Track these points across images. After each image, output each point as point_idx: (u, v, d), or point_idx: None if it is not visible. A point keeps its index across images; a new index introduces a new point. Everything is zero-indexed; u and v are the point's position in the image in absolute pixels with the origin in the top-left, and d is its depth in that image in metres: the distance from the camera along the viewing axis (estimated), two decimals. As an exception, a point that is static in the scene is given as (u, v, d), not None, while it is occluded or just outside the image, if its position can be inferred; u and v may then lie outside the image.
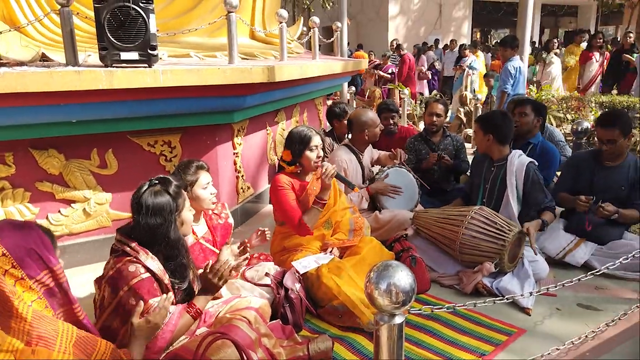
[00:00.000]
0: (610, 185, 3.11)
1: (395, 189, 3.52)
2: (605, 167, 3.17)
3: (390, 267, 1.39)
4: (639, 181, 3.07)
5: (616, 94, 7.56)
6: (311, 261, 2.73)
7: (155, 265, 1.91)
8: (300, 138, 2.82)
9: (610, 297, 2.78)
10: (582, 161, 3.29)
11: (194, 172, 2.46)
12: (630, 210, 3.04)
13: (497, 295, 2.76)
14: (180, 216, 1.98)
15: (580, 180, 3.24)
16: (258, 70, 3.21)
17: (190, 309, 2.00)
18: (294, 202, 2.83)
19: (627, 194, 3.09)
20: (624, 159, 3.14)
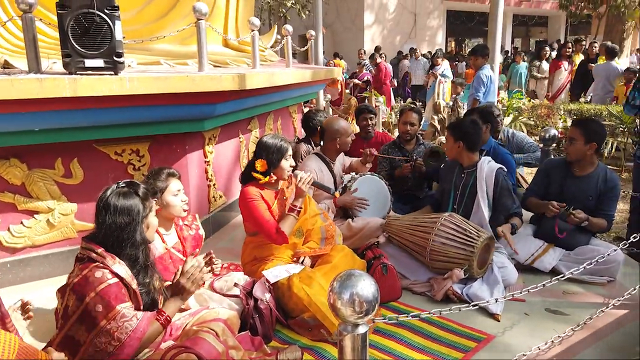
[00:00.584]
0: (578, 194, 3.15)
1: (362, 202, 3.50)
2: (575, 177, 3.21)
3: (353, 276, 1.38)
4: (608, 192, 3.12)
5: (584, 102, 7.76)
6: (282, 270, 2.70)
7: (122, 270, 1.86)
8: (277, 148, 2.78)
9: (577, 302, 2.83)
10: (554, 168, 3.34)
11: (165, 179, 2.42)
12: (598, 219, 3.09)
13: (468, 301, 2.78)
14: (147, 219, 1.94)
15: (551, 187, 3.29)
16: (228, 77, 3.18)
17: (159, 317, 1.95)
18: (267, 212, 2.79)
19: (594, 204, 3.15)
20: (594, 169, 3.18)
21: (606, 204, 3.15)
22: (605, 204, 3.15)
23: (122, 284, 1.83)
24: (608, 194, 3.14)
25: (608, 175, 3.17)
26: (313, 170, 3.45)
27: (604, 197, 3.14)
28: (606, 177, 3.16)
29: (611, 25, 14.92)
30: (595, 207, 3.15)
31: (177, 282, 1.99)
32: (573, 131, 3.18)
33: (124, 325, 1.78)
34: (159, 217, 2.42)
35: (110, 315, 1.76)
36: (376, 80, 11.07)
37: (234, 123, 4.14)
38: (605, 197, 3.14)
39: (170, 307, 1.97)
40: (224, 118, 3.77)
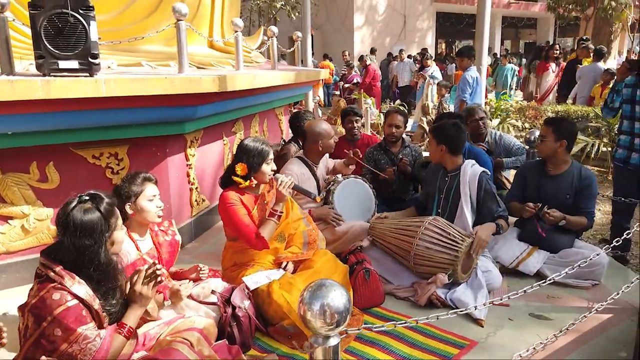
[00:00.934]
0: (555, 193, 3.16)
1: (337, 217, 3.42)
2: (550, 176, 3.22)
3: (324, 286, 1.32)
4: (584, 189, 3.12)
5: (571, 104, 7.79)
6: (262, 277, 2.65)
7: (82, 291, 1.77)
8: (258, 152, 2.73)
9: (561, 306, 2.80)
10: (529, 170, 3.35)
11: (140, 184, 2.36)
12: (577, 217, 3.09)
13: (451, 306, 2.74)
14: (112, 236, 1.86)
15: (528, 189, 3.29)
16: (208, 79, 3.12)
17: (121, 330, 1.88)
18: (246, 217, 2.74)
19: (572, 202, 3.14)
20: (569, 167, 3.19)
21: (584, 202, 3.15)
22: (583, 201, 3.15)
23: (83, 304, 1.75)
24: (584, 191, 3.14)
25: (583, 173, 3.18)
26: (295, 174, 3.40)
27: (581, 195, 3.15)
28: (581, 174, 3.17)
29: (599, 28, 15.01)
30: (573, 205, 3.16)
31: (131, 290, 1.91)
32: (544, 129, 3.22)
33: (87, 347, 1.71)
34: (132, 222, 2.37)
35: (72, 339, 1.68)
36: (365, 83, 11.05)
37: (217, 125, 4.08)
38: (582, 195, 3.15)
39: (131, 318, 1.89)
40: (206, 120, 3.71)
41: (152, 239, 2.47)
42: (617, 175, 3.67)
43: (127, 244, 2.28)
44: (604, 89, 7.89)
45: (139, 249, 2.35)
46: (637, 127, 3.43)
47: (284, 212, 2.92)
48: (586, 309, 2.72)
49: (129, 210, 2.30)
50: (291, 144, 4.54)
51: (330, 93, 13.65)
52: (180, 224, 3.68)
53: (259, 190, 2.85)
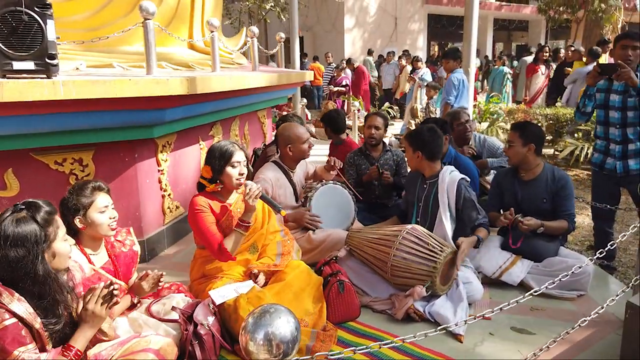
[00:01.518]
0: (532, 198, 3.07)
1: (314, 218, 3.30)
2: (525, 182, 3.13)
3: (268, 313, 1.18)
4: (559, 191, 3.03)
5: (560, 106, 7.69)
6: (230, 290, 2.50)
7: (22, 309, 1.63)
8: (220, 153, 2.59)
9: (545, 320, 2.67)
10: (503, 179, 3.26)
11: (90, 194, 2.20)
12: (556, 222, 2.98)
13: (430, 319, 2.61)
14: (52, 248, 1.71)
15: (505, 197, 3.20)
16: (176, 81, 2.97)
17: (67, 352, 1.72)
18: (213, 225, 2.59)
19: (550, 206, 3.04)
20: (541, 171, 3.10)
21: (562, 204, 3.05)
22: (561, 203, 3.05)
23: (22, 323, 1.60)
24: (560, 192, 3.05)
25: (556, 174, 3.09)
26: (269, 179, 3.26)
27: (558, 197, 3.05)
28: (554, 176, 3.08)
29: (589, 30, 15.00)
30: (552, 209, 3.06)
31: (83, 309, 1.76)
32: (511, 135, 3.16)
33: None
34: (84, 237, 2.21)
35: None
36: (354, 85, 10.93)
37: (192, 129, 3.93)
38: (559, 197, 3.05)
39: (80, 340, 1.74)
40: (178, 124, 3.56)
41: (108, 251, 2.31)
42: (594, 179, 3.58)
43: (80, 259, 2.13)
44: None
45: (92, 263, 2.19)
46: (612, 133, 3.33)
47: (258, 222, 2.78)
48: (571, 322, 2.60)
49: (79, 224, 2.14)
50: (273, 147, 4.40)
51: (320, 95, 13.52)
52: (151, 233, 3.52)
53: (230, 197, 2.71)
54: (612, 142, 3.34)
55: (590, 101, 3.45)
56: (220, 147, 2.61)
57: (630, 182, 3.36)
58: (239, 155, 2.61)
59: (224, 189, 2.69)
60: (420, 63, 10.78)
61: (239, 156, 2.61)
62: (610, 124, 3.34)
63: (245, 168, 2.64)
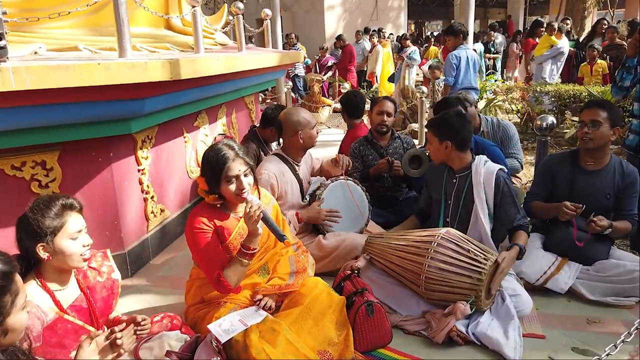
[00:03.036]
0: (593, 193, 2.63)
1: (332, 213, 2.87)
2: (588, 172, 2.68)
3: None
4: (628, 187, 2.61)
5: (560, 83, 7.35)
6: (235, 322, 2.02)
7: None
8: (213, 164, 2.06)
9: (605, 334, 2.28)
10: (559, 165, 2.79)
11: (58, 214, 1.67)
12: (622, 222, 2.58)
13: (475, 342, 2.20)
14: (5, 324, 1.21)
15: (558, 187, 2.75)
16: (156, 65, 2.44)
17: None
18: (214, 249, 2.11)
19: (612, 203, 2.63)
20: (609, 162, 2.67)
21: (627, 203, 2.64)
22: (626, 202, 2.64)
23: None
24: (628, 190, 2.64)
25: (626, 168, 2.66)
26: (273, 174, 2.79)
27: (624, 195, 2.64)
28: (623, 170, 2.66)
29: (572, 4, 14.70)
30: (614, 207, 2.65)
31: None
32: (595, 113, 2.61)
33: None
34: (47, 268, 1.71)
35: None
36: (342, 65, 10.40)
37: (175, 120, 3.40)
38: (625, 195, 2.64)
39: None
40: (160, 115, 3.03)
41: (79, 284, 1.80)
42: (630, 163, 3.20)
43: (41, 299, 1.63)
44: (591, 65, 7.50)
45: (58, 304, 1.69)
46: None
47: (271, 239, 2.31)
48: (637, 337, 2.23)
49: (42, 254, 1.64)
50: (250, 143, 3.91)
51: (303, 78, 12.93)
52: (133, 243, 3.03)
53: (239, 209, 2.22)
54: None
55: (629, 74, 3.07)
56: (212, 157, 2.07)
57: None
58: (235, 167, 2.06)
59: (224, 204, 2.20)
60: (409, 41, 10.31)
61: (236, 168, 2.06)
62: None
63: (247, 179, 2.10)
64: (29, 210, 1.67)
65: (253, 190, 2.16)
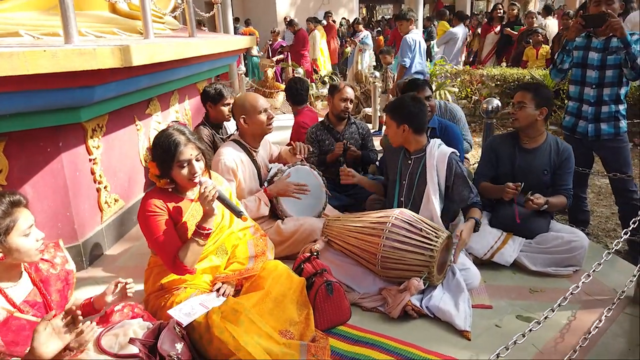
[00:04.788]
0: (532, 169, 2.83)
1: (300, 187, 2.93)
2: (526, 150, 2.87)
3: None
4: (563, 164, 2.81)
5: (505, 67, 7.65)
6: (196, 306, 2.06)
7: None
8: (164, 149, 2.06)
9: (546, 302, 2.45)
10: (501, 144, 2.97)
11: (7, 213, 1.61)
12: (557, 197, 2.78)
13: (429, 315, 2.32)
14: None
15: (501, 166, 2.92)
16: (105, 51, 2.38)
17: None
18: (169, 230, 2.11)
19: (550, 179, 2.83)
20: (544, 140, 2.86)
21: (563, 178, 2.85)
22: (562, 178, 2.85)
23: None
24: (563, 166, 2.84)
25: (560, 145, 2.87)
26: (232, 159, 2.80)
27: (560, 171, 2.84)
28: (558, 147, 2.86)
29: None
30: (551, 183, 2.85)
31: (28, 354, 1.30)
32: (521, 95, 2.84)
33: None
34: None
35: None
36: (295, 50, 10.35)
37: (126, 108, 3.33)
38: (561, 171, 2.84)
39: None
40: (110, 103, 2.96)
41: (31, 277, 1.77)
42: None
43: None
44: (537, 50, 7.83)
45: (10, 301, 1.65)
46: (587, 93, 3.16)
47: (226, 219, 2.33)
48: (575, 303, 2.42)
49: None
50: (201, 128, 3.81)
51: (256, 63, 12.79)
52: (88, 234, 2.96)
53: (192, 192, 2.23)
54: (586, 103, 3.19)
55: (568, 57, 3.24)
56: (163, 142, 2.07)
57: (601, 147, 3.23)
58: (188, 152, 2.07)
59: (178, 185, 2.20)
60: (361, 26, 10.40)
61: (188, 153, 2.07)
62: (586, 83, 3.17)
63: (199, 163, 2.12)
64: None
65: (204, 173, 2.18)
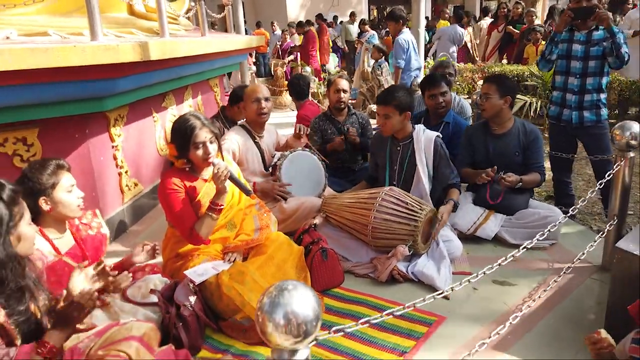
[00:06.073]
0: (504, 152, 3.10)
1: (283, 189, 3.21)
2: (497, 136, 3.15)
3: (286, 290, 1.07)
4: (531, 144, 3.07)
5: (506, 64, 7.86)
6: (208, 268, 2.36)
7: None
8: (182, 132, 2.34)
9: (522, 270, 2.73)
10: (474, 133, 3.26)
11: (54, 173, 1.96)
12: (531, 175, 3.04)
13: (413, 279, 2.60)
14: (17, 230, 1.50)
15: (476, 152, 3.21)
16: (127, 47, 2.70)
17: (42, 349, 1.55)
18: (186, 206, 2.41)
19: (522, 159, 3.09)
20: (513, 124, 3.13)
21: (533, 156, 3.11)
22: (532, 156, 3.11)
23: None
24: (532, 146, 3.10)
25: (527, 128, 3.14)
26: (235, 141, 3.12)
27: (529, 150, 3.11)
28: (526, 129, 3.13)
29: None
30: (523, 162, 3.11)
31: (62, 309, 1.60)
32: (486, 87, 3.11)
33: None
34: (46, 219, 1.99)
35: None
36: (304, 50, 10.65)
37: (145, 100, 3.65)
38: (530, 150, 3.10)
39: (56, 335, 1.57)
40: (130, 95, 3.28)
41: (73, 235, 2.10)
42: (552, 131, 3.65)
43: (42, 244, 1.92)
44: (536, 47, 8.03)
45: (56, 249, 1.98)
46: (571, 83, 3.38)
47: (235, 197, 2.62)
48: (548, 270, 2.68)
49: (45, 206, 1.92)
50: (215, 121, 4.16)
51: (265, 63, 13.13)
52: (111, 213, 3.29)
53: (206, 173, 2.52)
54: (570, 92, 3.40)
55: (556, 48, 3.42)
56: (181, 126, 2.36)
57: (584, 134, 3.45)
58: (202, 135, 2.34)
59: (192, 168, 2.50)
60: (367, 26, 10.67)
61: (202, 135, 2.34)
62: (570, 73, 3.38)
63: (212, 145, 2.40)
64: (27, 172, 1.95)
65: (217, 155, 2.47)
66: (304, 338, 1.04)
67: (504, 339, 2.11)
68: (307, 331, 1.04)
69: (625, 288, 1.93)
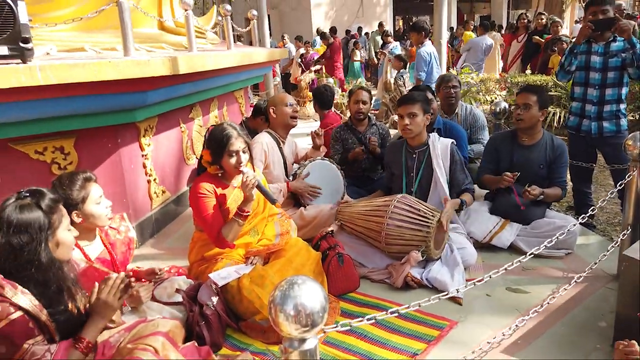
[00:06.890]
0: (529, 164, 3.13)
1: (314, 189, 3.35)
2: (524, 147, 3.17)
3: (296, 284, 1.18)
4: (557, 159, 3.10)
5: (530, 74, 7.84)
6: (231, 272, 2.48)
7: (26, 301, 1.58)
8: (218, 140, 2.49)
9: (537, 278, 2.76)
10: (501, 142, 3.29)
11: (82, 186, 2.10)
12: (553, 189, 3.07)
13: (427, 285, 2.67)
14: (56, 236, 1.66)
15: (501, 161, 3.24)
16: (157, 62, 2.88)
17: (78, 344, 1.70)
18: (215, 211, 2.55)
19: (546, 172, 3.12)
20: (541, 137, 3.16)
21: (558, 171, 3.13)
22: (557, 171, 3.13)
23: (29, 316, 1.56)
24: (557, 161, 3.13)
25: (555, 142, 3.16)
26: (265, 144, 3.30)
27: (555, 165, 3.13)
28: (553, 143, 3.15)
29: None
30: (547, 176, 3.13)
31: (96, 300, 1.74)
32: (526, 97, 3.11)
33: None
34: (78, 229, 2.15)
35: (17, 356, 1.51)
36: (329, 61, 10.83)
37: (172, 111, 3.84)
38: (556, 165, 3.13)
39: (90, 331, 1.72)
40: (159, 106, 3.47)
41: (102, 240, 2.25)
42: (571, 142, 3.66)
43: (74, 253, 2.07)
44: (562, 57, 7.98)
45: (87, 256, 2.13)
46: (590, 94, 3.40)
47: (260, 206, 2.74)
48: (562, 279, 2.71)
49: (77, 219, 2.07)
50: None
51: (290, 74, 13.36)
52: (140, 219, 3.46)
53: (236, 181, 2.64)
54: (589, 103, 3.42)
55: (575, 59, 3.45)
56: (218, 134, 2.50)
57: (603, 144, 3.47)
58: (237, 144, 2.48)
59: (224, 175, 2.64)
60: (390, 37, 10.78)
61: (237, 145, 2.48)
62: (589, 84, 3.41)
63: (245, 155, 2.53)
64: (56, 187, 2.07)
65: (247, 165, 2.61)
66: (311, 328, 1.15)
67: (514, 343, 2.16)
68: (314, 321, 1.15)
69: (634, 295, 1.96)
